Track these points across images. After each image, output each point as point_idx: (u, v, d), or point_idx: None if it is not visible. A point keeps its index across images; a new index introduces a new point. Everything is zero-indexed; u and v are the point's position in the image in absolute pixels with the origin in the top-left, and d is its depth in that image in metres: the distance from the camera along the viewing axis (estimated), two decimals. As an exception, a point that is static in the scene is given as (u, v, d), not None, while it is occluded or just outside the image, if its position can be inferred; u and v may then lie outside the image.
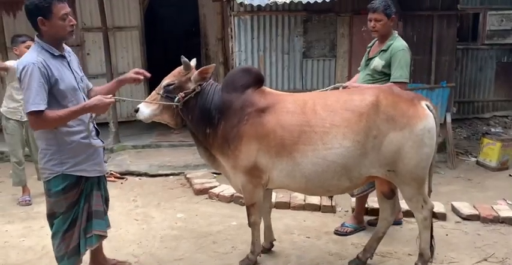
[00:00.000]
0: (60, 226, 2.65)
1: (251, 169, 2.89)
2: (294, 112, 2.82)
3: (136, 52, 8.32)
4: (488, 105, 8.95)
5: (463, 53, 8.51)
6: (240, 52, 6.07)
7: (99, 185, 2.83)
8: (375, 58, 3.55)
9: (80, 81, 2.69)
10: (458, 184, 5.35)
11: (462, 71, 8.59)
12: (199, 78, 2.97)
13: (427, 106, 2.81)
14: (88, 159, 2.66)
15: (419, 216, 2.96)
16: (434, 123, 2.79)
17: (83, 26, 7.68)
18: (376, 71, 3.51)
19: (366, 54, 3.71)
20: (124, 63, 8.27)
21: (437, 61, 6.19)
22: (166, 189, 5.11)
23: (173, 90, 2.96)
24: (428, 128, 2.74)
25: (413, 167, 2.76)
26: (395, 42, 3.50)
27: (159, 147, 6.62)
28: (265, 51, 6.13)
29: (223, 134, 2.91)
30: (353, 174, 2.81)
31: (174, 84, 2.96)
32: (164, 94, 2.97)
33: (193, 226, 4.04)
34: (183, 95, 2.94)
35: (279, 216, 4.18)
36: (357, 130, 2.72)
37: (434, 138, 2.79)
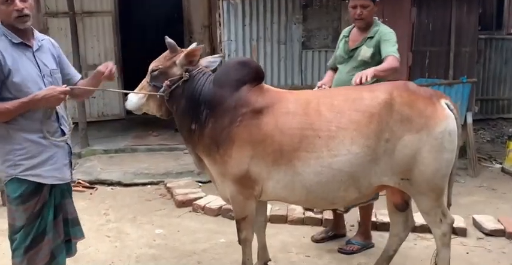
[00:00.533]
0: (21, 241, 2.62)
1: (242, 178, 2.88)
2: (295, 113, 2.81)
3: (109, 41, 8.29)
4: (515, 104, 9.04)
5: (486, 44, 8.59)
6: (229, 41, 6.07)
7: (70, 192, 2.83)
8: (360, 47, 3.58)
9: (48, 75, 2.66)
10: (480, 194, 5.37)
11: (485, 64, 8.67)
12: (185, 62, 2.98)
13: (447, 105, 2.82)
14: (45, 163, 2.63)
15: (438, 231, 2.97)
16: (456, 125, 2.80)
17: (47, 11, 7.64)
18: (366, 61, 3.53)
19: (344, 44, 3.71)
20: (94, 54, 8.25)
21: (456, 53, 6.24)
22: (143, 200, 5.08)
23: (158, 76, 3.01)
24: (449, 130, 2.75)
25: (430, 175, 2.77)
26: (381, 27, 3.57)
27: (135, 152, 6.61)
28: (258, 40, 6.15)
29: (211, 134, 2.91)
30: (362, 183, 2.80)
31: (158, 70, 3.02)
32: (151, 82, 3.04)
33: (174, 243, 4.02)
34: (168, 84, 2.97)
35: (275, 232, 4.17)
36: (367, 133, 2.71)
37: (456, 141, 2.80)
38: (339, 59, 3.74)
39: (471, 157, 6.12)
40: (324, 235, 4.02)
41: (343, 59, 3.70)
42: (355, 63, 3.59)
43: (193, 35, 8.52)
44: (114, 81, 8.24)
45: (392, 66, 3.29)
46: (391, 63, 3.30)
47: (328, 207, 3.65)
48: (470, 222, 4.33)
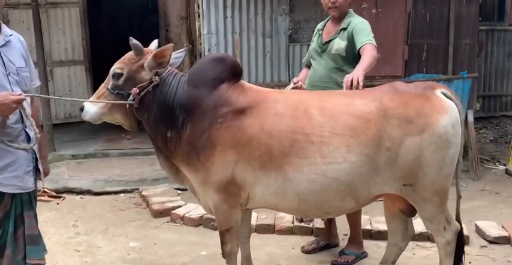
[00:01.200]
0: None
1: (227, 185, 2.87)
2: (283, 115, 2.82)
3: (76, 35, 8.26)
4: (519, 100, 9.18)
5: (488, 36, 8.70)
6: (209, 35, 6.05)
7: (31, 203, 2.77)
8: (333, 40, 3.66)
9: (14, 73, 2.62)
10: (483, 199, 5.43)
11: (486, 57, 8.79)
12: (154, 65, 2.92)
13: (444, 93, 2.87)
14: (4, 170, 2.59)
15: (441, 240, 3.00)
16: (458, 114, 2.83)
17: (7, 2, 7.56)
18: (340, 55, 3.62)
19: (318, 38, 3.80)
20: (60, 49, 8.21)
21: (455, 46, 6.31)
22: (115, 210, 5.06)
23: (124, 83, 2.93)
24: (452, 123, 2.78)
25: (435, 176, 2.80)
26: (354, 18, 3.66)
27: (106, 157, 6.58)
28: (241, 33, 6.13)
29: (190, 140, 2.89)
30: (360, 193, 2.82)
31: (123, 75, 2.94)
32: (114, 89, 2.94)
33: (151, 257, 3.99)
34: (137, 91, 2.91)
35: (261, 243, 4.16)
36: (365, 141, 2.73)
37: (460, 133, 2.84)
38: (313, 54, 3.82)
39: (473, 158, 6.18)
40: (315, 246, 4.03)
41: (316, 53, 3.78)
42: (329, 57, 3.68)
43: (170, 28, 8.51)
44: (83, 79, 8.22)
45: (372, 56, 3.35)
46: (370, 53, 3.35)
47: (322, 217, 3.68)
48: (472, 228, 4.38)
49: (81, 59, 8.38)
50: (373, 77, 6.14)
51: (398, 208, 3.17)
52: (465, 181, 5.98)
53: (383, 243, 3.99)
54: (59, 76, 8.26)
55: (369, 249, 4.09)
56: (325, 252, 4.03)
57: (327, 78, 3.68)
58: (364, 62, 3.31)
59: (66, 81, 8.31)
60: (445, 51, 6.32)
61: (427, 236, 4.08)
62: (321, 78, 3.69)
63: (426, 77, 6.24)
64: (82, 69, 8.40)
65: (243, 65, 6.12)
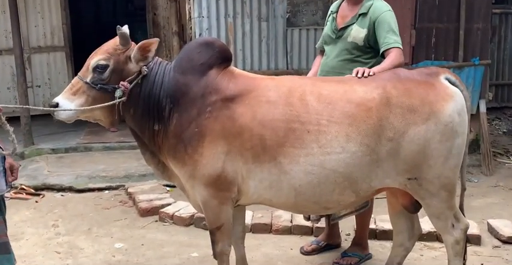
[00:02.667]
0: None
1: (217, 179, 2.88)
2: (276, 103, 2.83)
3: (56, 19, 8.22)
4: (535, 89, 9.18)
5: (501, 20, 8.69)
6: (200, 18, 6.03)
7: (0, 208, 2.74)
8: (351, 26, 3.51)
9: None
10: (496, 195, 5.44)
11: (500, 43, 8.78)
12: (139, 57, 2.91)
13: (448, 79, 2.89)
14: None
15: (449, 238, 3.01)
16: (464, 100, 2.85)
17: (-21, -18, 7.49)
18: (357, 44, 3.48)
19: (332, 22, 3.65)
20: (39, 34, 8.17)
21: (466, 30, 6.28)
22: (99, 209, 5.04)
23: (109, 76, 2.89)
24: (457, 110, 2.80)
25: (441, 168, 2.81)
26: (376, 2, 3.48)
27: (89, 151, 6.56)
28: (235, 17, 6.12)
29: (176, 132, 2.89)
30: (360, 186, 2.83)
31: (108, 68, 2.89)
32: (97, 83, 2.88)
33: (138, 260, 3.99)
34: (127, 85, 2.87)
35: (257, 243, 4.17)
36: (365, 130, 2.74)
37: (466, 121, 2.86)
38: (327, 39, 3.68)
39: (485, 152, 6.19)
40: (315, 246, 4.03)
41: (330, 40, 3.63)
42: (345, 45, 3.53)
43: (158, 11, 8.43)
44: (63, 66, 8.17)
45: (397, 63, 3.26)
46: (395, 59, 3.27)
47: (321, 212, 3.67)
48: (484, 227, 4.39)
49: (61, 44, 8.34)
50: (378, 64, 6.14)
51: (401, 204, 3.18)
52: (477, 176, 6.01)
53: (388, 243, 4.00)
54: (38, 63, 8.23)
55: (373, 250, 4.09)
56: (325, 253, 4.03)
57: (340, 68, 3.52)
58: (385, 65, 3.22)
59: (45, 69, 8.28)
60: (456, 36, 6.28)
61: (436, 236, 4.07)
62: (333, 69, 3.56)
63: (435, 64, 6.22)
64: (62, 55, 8.36)
65: (237, 51, 6.12)
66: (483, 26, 6.36)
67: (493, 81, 8.43)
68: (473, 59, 6.27)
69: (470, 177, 5.89)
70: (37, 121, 7.01)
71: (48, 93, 8.19)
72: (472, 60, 6.27)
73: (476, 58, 6.28)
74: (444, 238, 3.04)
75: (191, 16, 6.14)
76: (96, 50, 2.98)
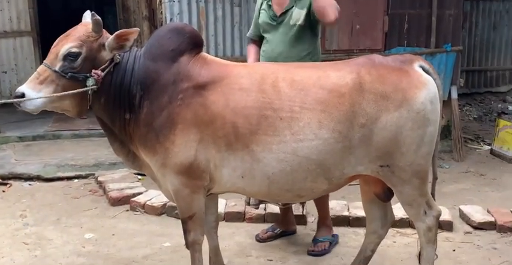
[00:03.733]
0: None
1: (188, 167, 2.85)
2: (249, 90, 2.81)
3: (22, 2, 8.06)
4: (505, 76, 9.33)
5: (472, 6, 8.77)
6: (171, 3, 5.95)
7: None
8: (291, 10, 3.63)
9: None
10: (467, 181, 5.52)
11: (471, 29, 8.87)
12: (115, 46, 2.82)
13: (422, 67, 2.89)
14: None
15: (422, 225, 3.02)
16: (436, 89, 2.86)
17: None
18: (300, 25, 3.60)
19: (268, 10, 3.74)
20: (4, 19, 8.02)
21: (439, 16, 6.33)
22: (69, 198, 4.99)
23: (81, 64, 2.77)
24: (430, 98, 2.80)
25: (413, 155, 2.81)
26: None
27: (57, 139, 6.50)
28: (207, 1, 6.06)
29: (147, 120, 2.85)
30: (333, 173, 2.83)
31: (81, 55, 2.77)
32: (67, 71, 2.75)
33: (108, 250, 3.95)
34: (100, 73, 2.78)
35: (230, 232, 4.16)
36: (338, 116, 2.74)
37: (439, 109, 2.87)
38: (265, 27, 3.76)
39: (456, 138, 6.27)
40: (271, 233, 4.08)
41: (270, 27, 3.73)
42: (288, 29, 3.64)
43: (127, -5, 8.31)
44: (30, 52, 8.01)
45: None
46: None
47: (295, 200, 3.69)
48: (456, 213, 4.45)
49: (28, 29, 8.19)
50: (351, 51, 6.15)
51: (373, 192, 3.20)
52: (448, 162, 6.10)
53: (362, 230, 4.03)
54: (3, 49, 8.08)
55: (346, 237, 4.14)
56: (298, 241, 4.05)
57: (288, 52, 3.65)
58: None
59: (11, 54, 8.13)
60: (428, 22, 6.32)
61: (409, 222, 4.11)
62: (281, 54, 3.66)
63: (407, 50, 6.26)
64: (29, 41, 8.21)
65: (209, 37, 6.06)
66: (455, 12, 6.40)
67: (464, 67, 8.52)
68: (445, 45, 6.32)
69: (442, 163, 5.97)
70: (3, 108, 6.84)
71: (15, 80, 8.05)
72: (444, 46, 6.32)
73: (448, 44, 6.32)
74: (416, 225, 3.05)
75: (161, 1, 6.04)
76: (63, 36, 2.85)
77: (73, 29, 2.86)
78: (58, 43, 2.82)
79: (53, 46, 2.83)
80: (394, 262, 3.73)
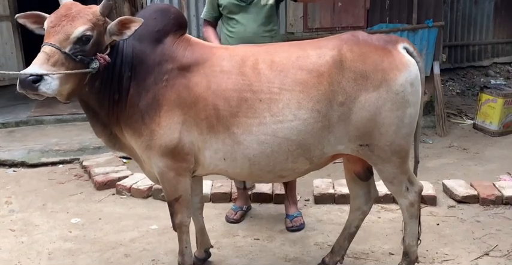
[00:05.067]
0: None
1: (173, 149, 2.85)
2: (230, 72, 2.81)
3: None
4: (487, 50, 9.35)
5: (454, -20, 8.74)
6: (151, -16, 5.86)
7: None
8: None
9: None
10: (450, 156, 5.58)
11: (453, 4, 8.85)
12: (116, 31, 2.73)
13: (406, 49, 2.88)
14: None
15: (404, 201, 3.05)
16: (418, 72, 2.85)
17: None
18: (271, 4, 3.75)
19: None
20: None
21: (420, -8, 6.29)
22: (54, 183, 4.98)
23: (91, 47, 2.66)
24: (410, 80, 2.79)
25: (392, 136, 2.82)
26: None
27: (41, 124, 6.47)
28: (188, -19, 5.96)
29: (134, 101, 2.83)
30: (313, 153, 2.83)
31: (92, 38, 2.65)
32: (77, 54, 2.61)
33: (95, 234, 3.96)
34: (106, 58, 2.68)
35: (217, 213, 4.19)
36: (316, 96, 2.73)
37: (420, 91, 2.86)
38: (232, 9, 3.79)
39: (439, 113, 6.31)
40: (242, 212, 4.17)
41: (239, 8, 3.78)
42: (260, 9, 3.76)
43: (106, -23, 8.16)
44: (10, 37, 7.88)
45: None
46: None
47: (277, 181, 3.72)
48: (440, 188, 4.51)
49: (6, 14, 8.04)
50: (333, 28, 6.13)
51: (353, 170, 3.22)
52: (432, 137, 6.15)
53: (347, 207, 4.02)
54: (-18, 34, 7.94)
55: (332, 214, 4.18)
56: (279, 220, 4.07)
57: (262, 32, 3.78)
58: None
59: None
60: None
61: (392, 198, 4.14)
62: (256, 34, 3.76)
63: (390, 27, 6.25)
64: (8, 25, 8.08)
65: (191, 17, 6.00)
66: (436, -13, 6.38)
67: (446, 43, 8.53)
68: (427, 21, 6.31)
69: (425, 139, 6.02)
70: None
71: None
72: (426, 22, 6.31)
73: (430, 20, 6.31)
74: (399, 202, 3.09)
75: (141, -18, 5.95)
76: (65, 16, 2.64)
77: (77, 10, 2.68)
78: (63, 23, 2.63)
79: (54, 25, 2.62)
80: (379, 237, 3.78)
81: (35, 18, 2.75)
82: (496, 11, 9.24)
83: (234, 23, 3.80)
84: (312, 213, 4.19)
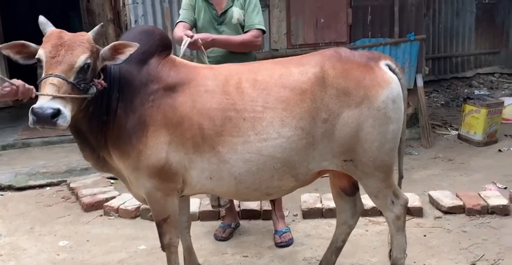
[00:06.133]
0: None
1: (161, 170, 2.84)
2: (214, 92, 2.82)
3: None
4: (470, 61, 9.48)
5: (434, -6, 8.87)
6: (135, 4, 5.92)
7: None
8: (231, 9, 3.80)
9: None
10: (436, 167, 5.63)
11: (434, 17, 8.98)
12: (109, 57, 2.73)
13: (388, 66, 2.91)
14: None
15: (390, 215, 3.07)
16: (400, 89, 2.88)
17: None
18: (241, 24, 3.81)
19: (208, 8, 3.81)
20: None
21: (401, 7, 6.41)
22: (41, 206, 4.94)
23: (90, 74, 2.65)
24: (392, 97, 2.82)
25: (376, 152, 2.84)
26: None
27: (28, 147, 6.43)
28: (171, 2, 6.03)
29: (121, 122, 2.83)
30: (299, 170, 2.85)
31: (91, 66, 2.65)
32: (80, 83, 2.59)
33: (83, 257, 3.93)
34: (104, 84, 2.69)
35: (205, 231, 4.18)
36: (300, 113, 2.75)
37: (402, 108, 2.89)
38: (207, 27, 3.83)
39: (424, 125, 6.37)
40: (231, 230, 4.17)
41: (212, 26, 3.83)
42: (231, 28, 3.81)
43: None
44: None
45: (248, 41, 3.73)
46: (249, 38, 3.74)
47: (264, 199, 3.73)
48: (426, 199, 4.53)
49: (-7, 42, 7.99)
50: (317, 44, 6.20)
51: (339, 186, 3.24)
52: (417, 149, 6.20)
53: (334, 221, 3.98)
54: (-35, 55, 7.88)
55: (320, 228, 4.19)
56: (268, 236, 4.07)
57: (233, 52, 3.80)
58: (233, 38, 3.69)
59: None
60: (391, 12, 6.40)
61: (379, 211, 4.12)
62: (224, 52, 3.78)
63: (372, 41, 6.33)
64: (-5, 54, 8.02)
65: (175, 39, 6.02)
66: (417, 1, 6.50)
67: (429, 55, 8.65)
68: (409, 34, 6.39)
69: (411, 150, 6.07)
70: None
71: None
72: (408, 35, 6.39)
73: (412, 33, 6.39)
74: (385, 215, 3.10)
75: (125, 3, 5.99)
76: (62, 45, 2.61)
77: (70, 38, 2.66)
78: (63, 53, 2.60)
79: (54, 56, 2.57)
80: (367, 250, 3.79)
81: (19, 48, 2.69)
82: (478, 22, 9.39)
83: None
84: (300, 228, 4.20)
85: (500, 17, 9.59)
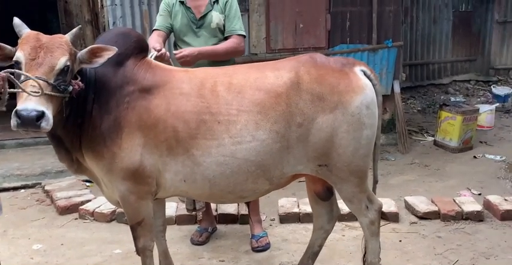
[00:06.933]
0: None
1: (135, 172, 2.83)
2: (189, 95, 2.83)
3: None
4: (446, 68, 9.63)
5: (413, 1, 9.00)
6: (113, 6, 5.87)
7: None
8: (210, 13, 3.81)
9: None
10: (412, 172, 5.69)
11: (412, 24, 9.10)
12: (86, 60, 2.71)
13: (363, 72, 2.94)
14: None
15: (364, 220, 3.10)
16: (374, 95, 2.91)
17: None
18: (220, 29, 3.82)
19: (186, 12, 3.81)
20: None
21: (379, 13, 6.48)
22: (15, 209, 4.89)
23: (69, 76, 2.64)
24: (366, 103, 2.85)
25: (350, 157, 2.86)
26: None
27: (2, 149, 6.39)
28: (150, 4, 5.99)
29: (96, 124, 2.81)
30: (273, 174, 2.86)
31: (70, 68, 2.63)
32: (60, 85, 2.57)
33: (58, 260, 3.89)
34: (82, 85, 2.66)
35: (182, 235, 4.17)
36: (274, 116, 2.77)
37: (376, 114, 2.92)
38: (185, 30, 3.83)
39: (400, 131, 6.44)
40: (208, 234, 4.17)
41: (190, 30, 3.84)
42: (210, 32, 3.82)
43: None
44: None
45: (231, 48, 3.76)
46: (231, 45, 3.77)
47: (239, 201, 3.74)
48: (402, 204, 4.58)
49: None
50: (295, 49, 6.23)
51: (314, 190, 3.26)
52: (394, 154, 6.26)
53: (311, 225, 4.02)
54: None
55: (297, 233, 4.20)
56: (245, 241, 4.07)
57: None
58: (218, 48, 3.70)
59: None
60: (369, 19, 6.46)
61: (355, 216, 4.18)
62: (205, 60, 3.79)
63: (350, 47, 6.38)
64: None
65: (153, 40, 5.99)
66: (394, 8, 6.56)
67: (406, 62, 8.75)
68: (386, 41, 6.47)
69: (388, 156, 6.13)
70: None
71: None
72: (385, 42, 6.46)
73: (389, 40, 6.47)
74: (359, 220, 3.13)
75: (103, 4, 5.95)
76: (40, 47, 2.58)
77: (49, 40, 2.63)
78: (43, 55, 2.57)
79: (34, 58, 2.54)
80: (343, 255, 3.82)
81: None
82: (454, 30, 9.55)
83: (185, 46, 3.81)
84: (277, 233, 4.21)
85: (476, 25, 9.77)
